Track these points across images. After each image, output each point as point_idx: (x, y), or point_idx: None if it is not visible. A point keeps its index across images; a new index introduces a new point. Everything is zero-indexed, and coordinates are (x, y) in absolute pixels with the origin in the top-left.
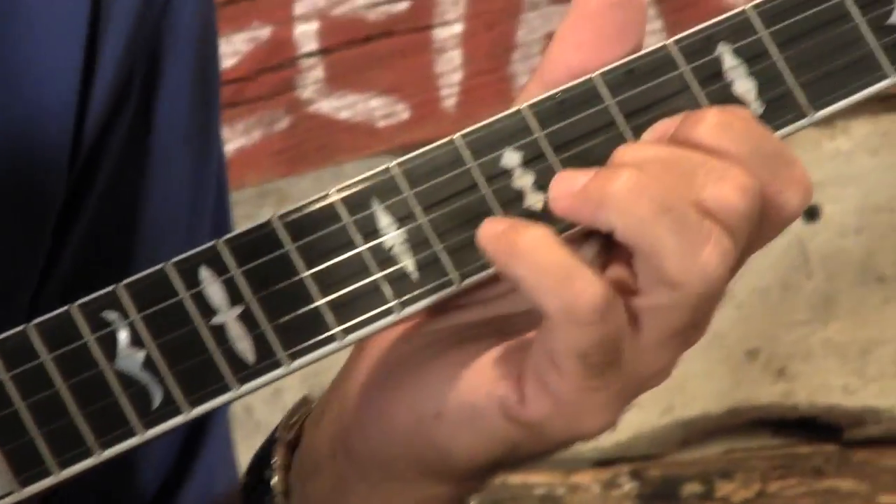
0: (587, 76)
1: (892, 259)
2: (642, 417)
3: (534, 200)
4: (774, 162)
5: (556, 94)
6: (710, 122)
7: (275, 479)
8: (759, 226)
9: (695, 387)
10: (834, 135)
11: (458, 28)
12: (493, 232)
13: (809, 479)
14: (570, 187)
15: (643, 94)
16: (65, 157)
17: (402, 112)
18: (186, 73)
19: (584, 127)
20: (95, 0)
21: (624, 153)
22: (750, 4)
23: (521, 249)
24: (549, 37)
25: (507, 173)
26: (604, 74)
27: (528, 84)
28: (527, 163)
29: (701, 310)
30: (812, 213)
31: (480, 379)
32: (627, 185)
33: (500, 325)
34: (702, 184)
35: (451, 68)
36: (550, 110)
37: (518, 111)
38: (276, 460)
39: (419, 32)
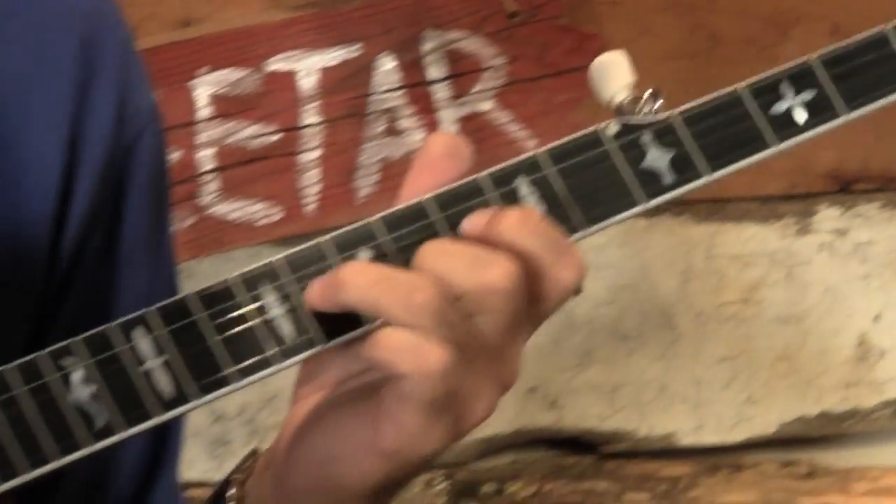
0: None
1: (633, 323)
2: None
3: None
4: (557, 248)
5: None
6: (511, 218)
7: None
8: (538, 297)
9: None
10: None
11: (316, 154)
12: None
13: (574, 481)
14: (318, 283)
15: (465, 211)
16: (40, 275)
17: (276, 214)
18: (145, 196)
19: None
20: (73, 134)
21: (422, 248)
22: (542, 149)
23: (384, 343)
24: (384, 160)
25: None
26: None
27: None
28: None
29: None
30: (576, 290)
31: (352, 426)
32: (353, 268)
33: (373, 386)
34: (447, 265)
35: (311, 183)
36: (398, 218)
37: (367, 223)
38: (233, 492)
39: (288, 157)
